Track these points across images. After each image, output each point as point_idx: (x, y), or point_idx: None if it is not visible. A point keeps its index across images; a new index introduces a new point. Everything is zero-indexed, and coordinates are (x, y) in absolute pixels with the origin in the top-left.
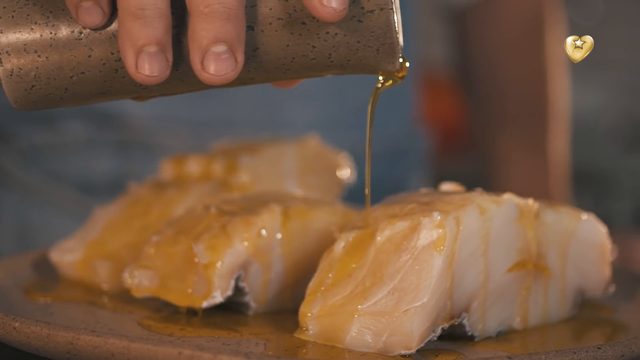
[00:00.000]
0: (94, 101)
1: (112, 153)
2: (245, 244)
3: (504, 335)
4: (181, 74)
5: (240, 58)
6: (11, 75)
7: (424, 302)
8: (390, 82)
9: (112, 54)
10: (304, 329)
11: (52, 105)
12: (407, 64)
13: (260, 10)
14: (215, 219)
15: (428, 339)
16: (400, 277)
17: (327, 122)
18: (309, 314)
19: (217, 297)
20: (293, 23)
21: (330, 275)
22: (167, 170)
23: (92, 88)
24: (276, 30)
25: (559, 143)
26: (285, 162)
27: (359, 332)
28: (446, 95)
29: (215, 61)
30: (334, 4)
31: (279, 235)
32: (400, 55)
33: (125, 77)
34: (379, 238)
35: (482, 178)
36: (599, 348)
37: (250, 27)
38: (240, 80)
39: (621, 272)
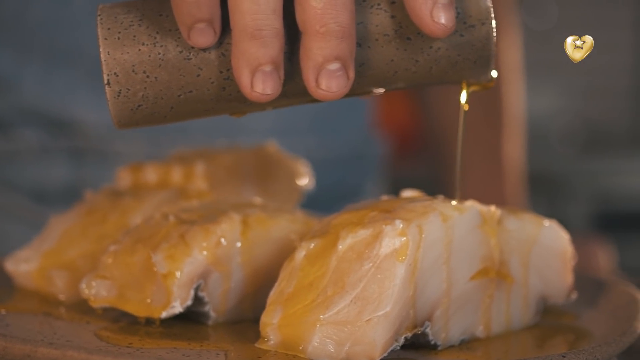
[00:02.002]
0: (194, 118)
1: (67, 161)
2: (205, 253)
3: (467, 343)
4: (286, 90)
5: (352, 74)
6: (118, 96)
7: (387, 311)
8: (475, 88)
9: (221, 72)
10: (265, 338)
11: (154, 123)
12: (495, 73)
13: (368, 27)
14: (174, 228)
15: (391, 349)
16: (362, 285)
17: (283, 129)
18: (270, 324)
19: (177, 307)
20: (399, 39)
21: (291, 284)
22: (123, 178)
23: (198, 106)
24: (382, 46)
25: (514, 148)
26: (243, 169)
27: (321, 341)
28: (401, 101)
29: (330, 78)
30: (443, 20)
31: (238, 244)
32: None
33: (231, 94)
34: (340, 246)
35: (437, 183)
36: (564, 356)
37: (357, 44)
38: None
39: (582, 278)
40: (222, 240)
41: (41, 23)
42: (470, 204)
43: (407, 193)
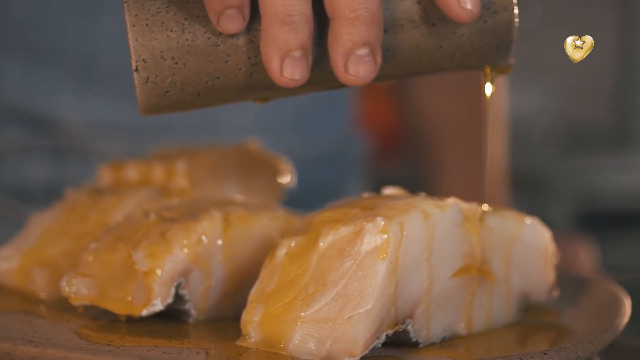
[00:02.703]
0: (219, 104)
1: (49, 159)
2: (186, 250)
3: (449, 341)
4: (312, 76)
5: (379, 60)
6: (146, 82)
7: (368, 309)
8: (494, 74)
9: (249, 58)
10: (246, 336)
11: (179, 109)
12: (513, 60)
13: (394, 13)
14: (155, 226)
15: (372, 346)
16: (343, 283)
17: (265, 127)
18: (251, 321)
19: (157, 305)
20: (424, 25)
21: (272, 281)
22: (104, 176)
23: (224, 92)
24: (407, 32)
25: (497, 147)
26: (225, 167)
27: (302, 339)
28: (384, 99)
29: (359, 64)
30: (470, 6)
31: (219, 242)
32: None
33: (258, 81)
34: (321, 244)
35: (420, 182)
36: (545, 353)
37: (384, 30)
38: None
39: (565, 276)
40: (203, 238)
41: (24, 21)
42: (452, 201)
43: (389, 190)
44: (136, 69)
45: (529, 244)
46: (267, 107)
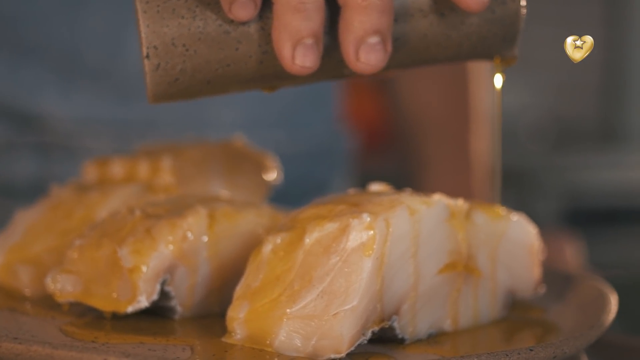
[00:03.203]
0: (228, 92)
1: (34, 156)
2: (171, 247)
3: (435, 337)
4: (323, 64)
5: (389, 48)
6: (157, 69)
7: (354, 305)
8: (500, 65)
9: (260, 46)
10: (232, 333)
11: (188, 97)
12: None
13: (404, 2)
14: (140, 222)
15: (358, 343)
16: (329, 279)
17: (251, 123)
18: (237, 318)
19: (143, 302)
20: (433, 14)
21: (258, 278)
22: (89, 172)
23: (234, 80)
24: (417, 22)
25: (482, 144)
26: (210, 163)
27: (287, 335)
28: (370, 96)
29: (370, 52)
30: None
31: (205, 238)
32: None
33: (269, 69)
34: (307, 240)
35: (406, 178)
36: (531, 350)
37: (394, 19)
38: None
39: (551, 273)
40: (189, 234)
41: (9, 17)
42: (438, 197)
43: (375, 187)
44: (147, 56)
45: (515, 241)
46: (253, 103)
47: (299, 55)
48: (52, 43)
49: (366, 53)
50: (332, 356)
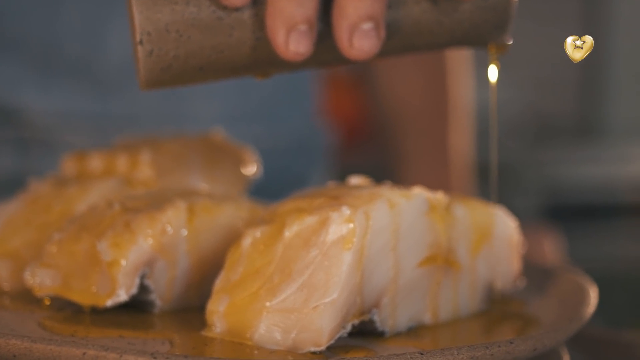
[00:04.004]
0: (220, 79)
1: (13, 151)
2: (150, 240)
3: (415, 330)
4: (316, 51)
5: (383, 34)
6: (150, 55)
7: (334, 298)
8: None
9: (254, 32)
10: (211, 326)
11: (180, 84)
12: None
13: None
14: (119, 216)
15: (338, 336)
16: (309, 273)
17: (230, 117)
18: (216, 312)
19: (122, 296)
20: (426, 1)
21: (237, 271)
22: (68, 166)
23: (227, 67)
24: (410, 8)
25: (462, 139)
26: (189, 157)
27: (267, 329)
28: (348, 92)
29: (363, 38)
30: None
31: (184, 232)
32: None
33: (262, 55)
34: (287, 233)
35: (385, 173)
36: (512, 342)
37: (387, 5)
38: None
39: (530, 266)
40: (168, 227)
41: None
42: (418, 191)
43: (354, 180)
44: (140, 42)
45: (495, 234)
46: (232, 98)
47: (293, 41)
48: (31, 37)
49: (359, 39)
50: (312, 349)
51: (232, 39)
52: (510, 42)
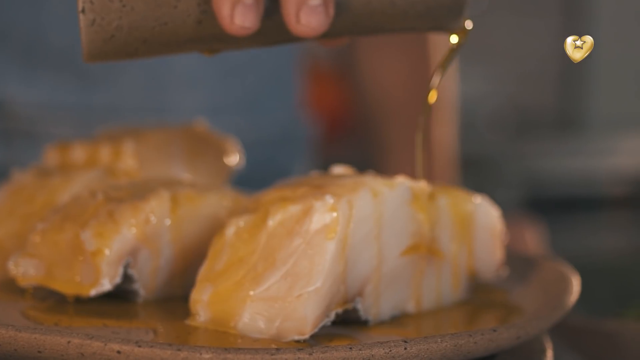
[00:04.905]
0: (166, 54)
1: None
2: (134, 230)
3: (398, 319)
4: (263, 27)
5: (332, 11)
6: (92, 24)
7: (317, 287)
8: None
9: (199, 5)
10: (195, 315)
11: (124, 57)
12: (471, 24)
13: None
14: (102, 206)
15: (322, 324)
16: (292, 261)
17: (213, 108)
18: (200, 301)
19: (106, 285)
20: None
21: (221, 260)
22: (51, 157)
23: (171, 40)
24: None
25: (445, 131)
26: (172, 147)
27: (251, 317)
28: (331, 83)
29: (311, 14)
30: None
31: (167, 221)
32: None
33: (207, 29)
34: (270, 222)
35: (367, 164)
36: (495, 330)
37: None
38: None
39: (513, 256)
40: (151, 217)
41: None
42: (401, 179)
43: (337, 169)
44: (82, 10)
45: (478, 223)
46: (215, 89)
47: (238, 14)
48: (15, 29)
49: (307, 15)
50: (296, 338)
51: (177, 11)
52: (470, 28)
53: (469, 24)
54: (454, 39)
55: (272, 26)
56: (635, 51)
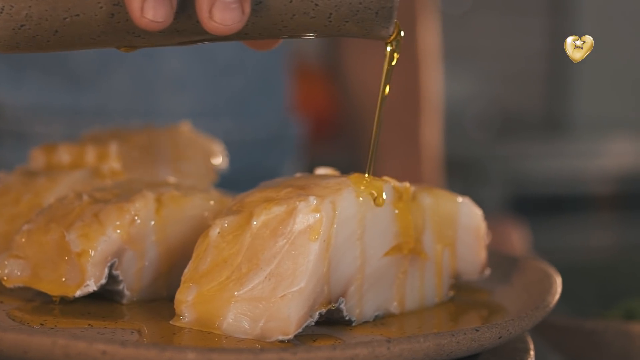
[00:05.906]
0: (80, 48)
1: None
2: (119, 231)
3: (382, 319)
4: (179, 23)
5: (247, 9)
6: (1, 12)
7: (301, 287)
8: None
9: None
10: (180, 316)
11: (37, 49)
12: (402, 32)
13: None
14: (88, 207)
15: (306, 324)
16: (276, 262)
17: (200, 111)
18: (185, 301)
19: (91, 286)
20: None
21: (205, 261)
22: (37, 158)
23: (83, 32)
24: None
25: (432, 131)
26: (157, 149)
27: (235, 318)
28: (319, 84)
29: (224, 10)
30: None
31: (152, 222)
32: (395, 20)
33: (120, 22)
34: (254, 223)
35: (354, 166)
36: (477, 330)
37: None
38: (236, 35)
39: (496, 256)
40: (136, 218)
41: None
42: (385, 180)
43: (321, 171)
44: None
45: (461, 223)
46: (204, 91)
47: (149, 7)
48: None
49: (221, 12)
50: (280, 338)
51: (88, 2)
52: (402, 35)
53: (402, 33)
54: (388, 47)
55: (188, 23)
56: (620, 53)
